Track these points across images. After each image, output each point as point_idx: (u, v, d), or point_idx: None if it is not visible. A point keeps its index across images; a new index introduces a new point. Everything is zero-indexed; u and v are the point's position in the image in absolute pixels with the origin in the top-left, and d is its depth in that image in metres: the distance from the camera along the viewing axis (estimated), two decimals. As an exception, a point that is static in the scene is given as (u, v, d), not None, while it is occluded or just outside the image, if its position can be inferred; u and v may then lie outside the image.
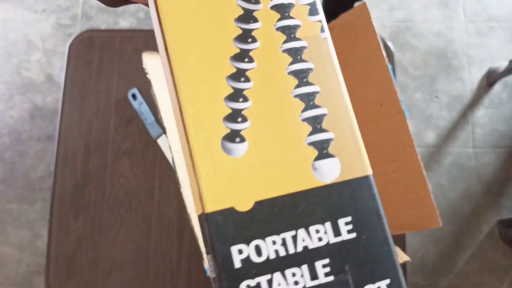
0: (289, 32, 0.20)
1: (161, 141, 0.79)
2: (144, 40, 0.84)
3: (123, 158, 0.78)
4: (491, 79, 1.48)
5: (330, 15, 1.09)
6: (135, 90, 0.81)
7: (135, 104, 0.80)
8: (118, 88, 0.82)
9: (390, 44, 0.83)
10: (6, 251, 1.37)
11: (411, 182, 0.59)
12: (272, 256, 0.17)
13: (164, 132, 0.78)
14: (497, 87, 1.50)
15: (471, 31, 1.54)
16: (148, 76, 0.56)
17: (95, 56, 0.84)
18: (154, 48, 0.83)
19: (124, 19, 1.51)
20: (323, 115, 0.19)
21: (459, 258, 1.38)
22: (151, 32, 0.85)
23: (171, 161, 0.78)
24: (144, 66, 0.57)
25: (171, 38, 0.19)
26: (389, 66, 0.61)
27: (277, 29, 0.20)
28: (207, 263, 0.53)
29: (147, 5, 0.23)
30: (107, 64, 0.83)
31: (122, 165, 0.78)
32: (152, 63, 0.58)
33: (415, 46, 1.52)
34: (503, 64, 1.46)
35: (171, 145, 0.57)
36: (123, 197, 0.77)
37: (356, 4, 0.63)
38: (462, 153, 1.44)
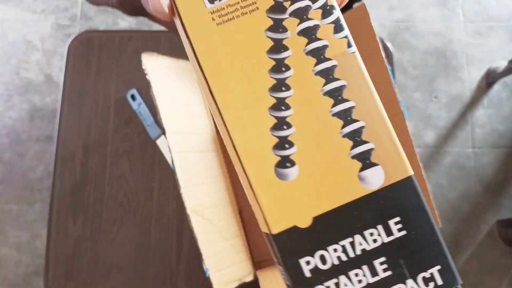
0: (319, 54, 0.21)
1: (160, 142, 0.79)
2: (143, 40, 0.84)
3: (122, 158, 0.78)
4: (490, 79, 1.48)
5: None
6: (134, 91, 0.81)
7: (134, 105, 0.80)
8: (117, 88, 0.82)
9: (389, 44, 0.83)
10: (5, 251, 1.37)
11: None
12: (336, 262, 0.20)
13: (163, 133, 0.78)
14: (496, 87, 1.50)
15: (470, 31, 1.54)
16: (147, 77, 0.56)
17: (94, 57, 0.83)
18: (153, 48, 0.83)
19: (123, 19, 1.51)
20: (362, 127, 0.21)
21: (458, 258, 1.38)
22: (150, 32, 0.85)
23: (170, 162, 0.78)
24: (143, 66, 0.57)
25: (212, 78, 0.20)
26: (388, 67, 0.61)
27: (307, 53, 0.21)
28: (206, 264, 0.53)
29: (169, 28, 0.23)
30: (106, 65, 0.83)
31: (121, 166, 0.78)
32: (151, 64, 0.58)
33: (414, 46, 1.52)
34: (502, 64, 1.46)
35: (170, 146, 0.57)
36: (122, 197, 0.77)
37: (355, 5, 0.63)
38: (461, 153, 1.44)
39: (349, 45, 0.21)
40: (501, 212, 1.41)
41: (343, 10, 0.65)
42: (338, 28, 0.21)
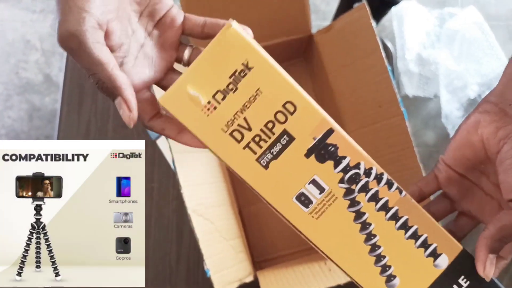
0: (384, 207, 0.32)
1: (160, 142, 0.78)
2: (143, 40, 0.83)
3: (122, 159, 0.78)
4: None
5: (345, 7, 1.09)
6: (134, 91, 0.81)
7: (134, 104, 0.80)
8: (117, 88, 0.82)
9: (389, 44, 0.83)
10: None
11: (410, 182, 0.59)
12: None
13: (163, 132, 0.78)
14: (496, 86, 1.50)
15: (469, 31, 1.54)
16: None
17: (93, 57, 0.83)
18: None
19: (123, 19, 1.50)
20: (426, 237, 0.33)
21: (458, 258, 1.38)
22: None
23: (170, 162, 0.78)
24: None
25: (328, 251, 0.32)
26: (389, 67, 0.61)
27: (377, 210, 0.32)
28: (207, 264, 0.53)
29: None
30: (105, 65, 0.83)
31: (121, 166, 0.78)
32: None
33: (413, 45, 1.52)
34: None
35: (171, 145, 0.57)
36: (122, 198, 0.77)
37: (356, 5, 0.63)
38: (460, 153, 1.44)
39: (400, 192, 0.32)
40: (500, 212, 1.41)
41: (344, 10, 0.65)
42: (390, 185, 0.32)
